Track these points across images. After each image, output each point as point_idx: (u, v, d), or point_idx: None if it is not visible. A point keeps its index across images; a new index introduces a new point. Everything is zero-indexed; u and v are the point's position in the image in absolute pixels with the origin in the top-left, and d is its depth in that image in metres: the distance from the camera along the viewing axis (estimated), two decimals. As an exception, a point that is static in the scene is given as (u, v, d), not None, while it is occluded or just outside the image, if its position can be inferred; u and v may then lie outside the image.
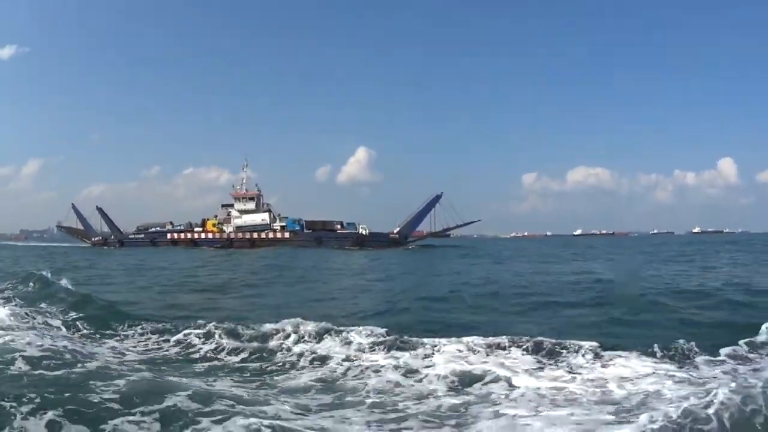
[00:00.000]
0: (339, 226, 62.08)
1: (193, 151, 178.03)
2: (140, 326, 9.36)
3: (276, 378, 6.56)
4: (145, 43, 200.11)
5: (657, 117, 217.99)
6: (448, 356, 6.90)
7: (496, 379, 6.05)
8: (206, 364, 7.27)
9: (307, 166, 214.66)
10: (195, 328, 8.66)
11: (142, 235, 65.42)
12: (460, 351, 7.12)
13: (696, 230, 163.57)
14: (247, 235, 60.26)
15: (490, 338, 7.52)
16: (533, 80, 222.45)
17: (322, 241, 58.59)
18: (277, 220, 62.01)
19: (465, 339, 7.52)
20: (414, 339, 7.69)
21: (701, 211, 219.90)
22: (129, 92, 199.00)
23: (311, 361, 7.21)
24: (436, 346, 7.31)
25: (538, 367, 6.56)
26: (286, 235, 59.92)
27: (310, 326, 8.31)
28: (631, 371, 6.19)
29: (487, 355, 6.99)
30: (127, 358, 7.42)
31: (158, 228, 65.67)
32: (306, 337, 8.05)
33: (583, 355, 6.84)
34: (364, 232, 60.78)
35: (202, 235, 62.56)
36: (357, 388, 6.00)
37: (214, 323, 8.71)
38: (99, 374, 5.54)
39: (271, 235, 60.35)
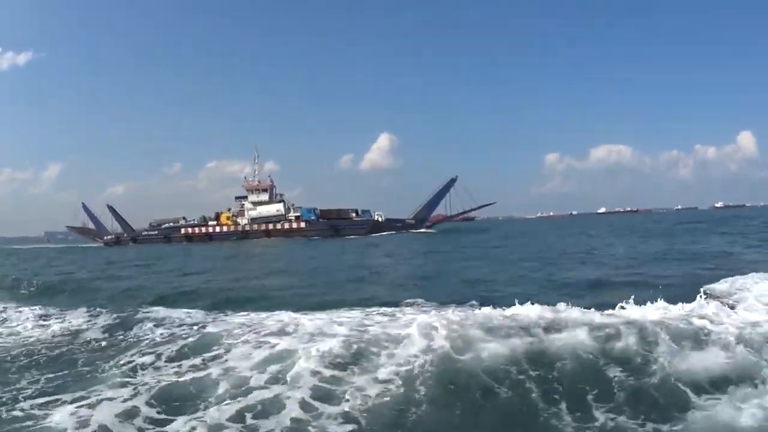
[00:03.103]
0: (354, 214, 60.88)
1: (215, 146, 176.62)
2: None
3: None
4: (164, 43, 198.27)
5: (677, 91, 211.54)
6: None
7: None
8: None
9: (330, 156, 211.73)
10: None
11: (156, 232, 64.61)
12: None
13: (719, 205, 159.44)
14: (263, 227, 59.22)
15: None
16: (552, 60, 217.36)
17: (338, 229, 57.41)
18: (292, 211, 60.87)
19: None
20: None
21: (723, 186, 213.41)
22: (148, 93, 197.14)
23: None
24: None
25: None
26: (302, 225, 58.84)
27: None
28: None
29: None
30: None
31: (171, 223, 64.84)
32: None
33: None
34: (379, 219, 59.49)
35: (217, 229, 61.67)
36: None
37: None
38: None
39: (286, 225, 59.29)
